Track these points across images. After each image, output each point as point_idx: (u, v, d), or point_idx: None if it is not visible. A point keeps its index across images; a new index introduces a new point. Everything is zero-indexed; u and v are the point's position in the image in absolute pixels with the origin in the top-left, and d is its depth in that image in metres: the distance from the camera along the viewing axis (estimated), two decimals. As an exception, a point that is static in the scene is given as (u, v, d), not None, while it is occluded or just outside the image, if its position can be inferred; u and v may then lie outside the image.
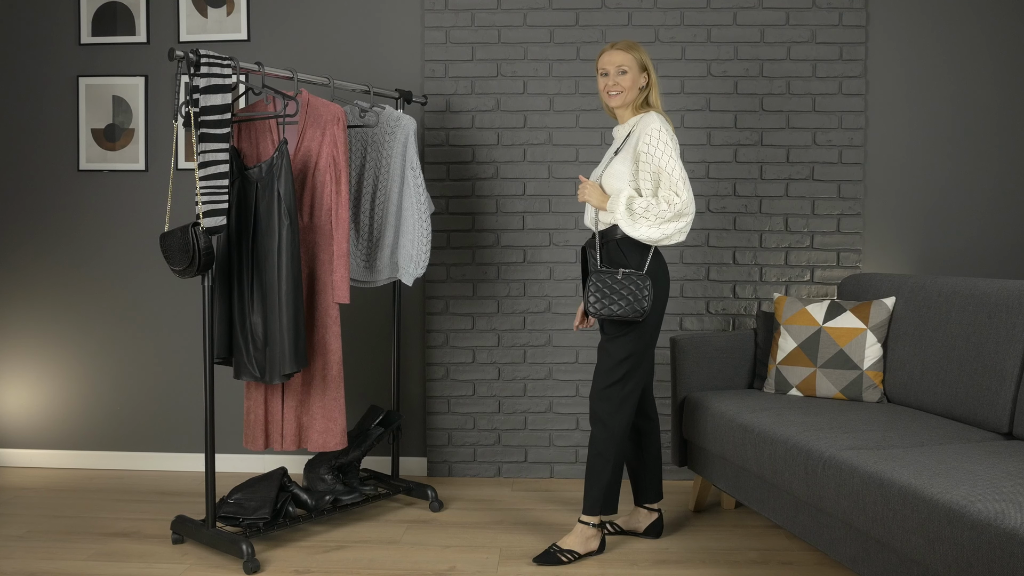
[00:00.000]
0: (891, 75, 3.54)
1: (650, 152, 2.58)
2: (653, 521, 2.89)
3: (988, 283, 2.60)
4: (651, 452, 2.89)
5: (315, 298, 2.92)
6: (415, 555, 2.73)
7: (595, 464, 2.68)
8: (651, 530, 2.89)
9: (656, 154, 2.57)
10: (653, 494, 2.90)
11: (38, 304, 3.77)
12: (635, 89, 2.69)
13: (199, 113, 2.57)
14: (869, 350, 2.86)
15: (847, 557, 2.17)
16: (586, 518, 2.70)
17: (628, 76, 2.67)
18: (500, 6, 3.57)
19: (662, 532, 2.90)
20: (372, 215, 3.22)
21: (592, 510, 2.69)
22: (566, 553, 2.67)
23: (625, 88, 2.68)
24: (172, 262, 2.65)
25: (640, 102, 2.72)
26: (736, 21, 3.53)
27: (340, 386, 2.90)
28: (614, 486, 2.70)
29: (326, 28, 3.63)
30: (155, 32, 3.68)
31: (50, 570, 2.60)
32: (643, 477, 2.89)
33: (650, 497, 2.90)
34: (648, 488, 2.89)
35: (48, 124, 3.73)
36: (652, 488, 2.89)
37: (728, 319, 3.59)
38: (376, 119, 3.19)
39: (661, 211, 2.55)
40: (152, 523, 3.04)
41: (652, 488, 2.89)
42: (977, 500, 1.75)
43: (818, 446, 2.29)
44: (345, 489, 3.03)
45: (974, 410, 2.49)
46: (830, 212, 3.55)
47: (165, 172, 3.70)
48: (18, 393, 3.79)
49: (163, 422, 3.75)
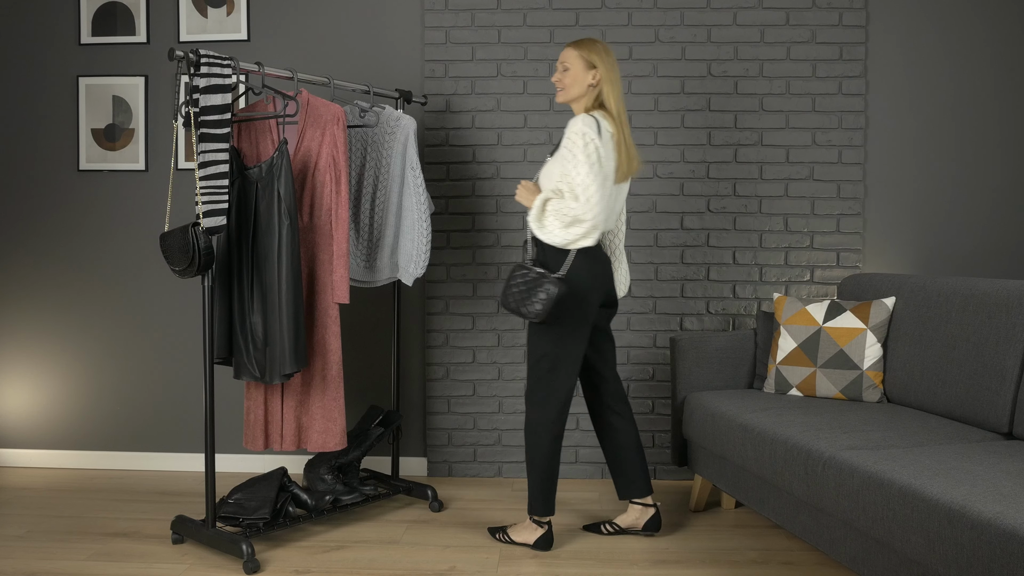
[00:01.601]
0: (891, 75, 3.54)
1: (562, 155, 2.59)
2: (651, 517, 2.87)
3: (988, 283, 2.60)
4: (628, 445, 2.85)
5: (315, 298, 2.92)
6: (415, 555, 2.73)
7: (526, 465, 2.77)
8: (650, 525, 2.87)
9: (567, 157, 2.56)
10: (638, 488, 2.85)
11: (38, 304, 3.77)
12: (578, 86, 2.68)
13: (199, 113, 2.57)
14: (869, 350, 2.86)
15: (847, 557, 2.17)
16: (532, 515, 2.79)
17: (570, 73, 2.68)
18: (500, 6, 3.57)
19: (660, 526, 2.88)
20: (372, 215, 3.22)
21: (529, 509, 2.78)
22: (505, 533, 2.84)
23: (566, 85, 2.70)
24: (172, 262, 2.65)
25: (592, 101, 2.70)
26: (736, 21, 3.53)
27: (340, 386, 2.90)
28: (540, 487, 2.72)
29: (326, 28, 3.63)
30: (155, 32, 3.68)
31: (50, 570, 2.60)
32: (624, 471, 2.86)
33: (636, 491, 2.86)
34: (632, 482, 2.85)
35: (48, 124, 3.73)
36: (637, 482, 2.85)
37: (728, 319, 3.59)
38: (376, 119, 3.19)
39: (562, 215, 2.56)
40: (152, 523, 3.04)
41: (637, 482, 2.85)
42: (977, 500, 1.75)
43: (818, 446, 2.29)
44: (345, 489, 3.03)
45: (974, 410, 2.49)
46: (830, 212, 3.55)
47: (165, 172, 3.70)
48: (18, 393, 3.79)
49: (163, 422, 3.75)
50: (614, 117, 2.66)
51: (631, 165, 2.70)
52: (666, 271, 3.57)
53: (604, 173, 2.59)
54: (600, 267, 2.68)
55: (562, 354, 2.66)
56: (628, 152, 2.67)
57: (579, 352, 2.69)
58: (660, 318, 3.59)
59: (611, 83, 2.67)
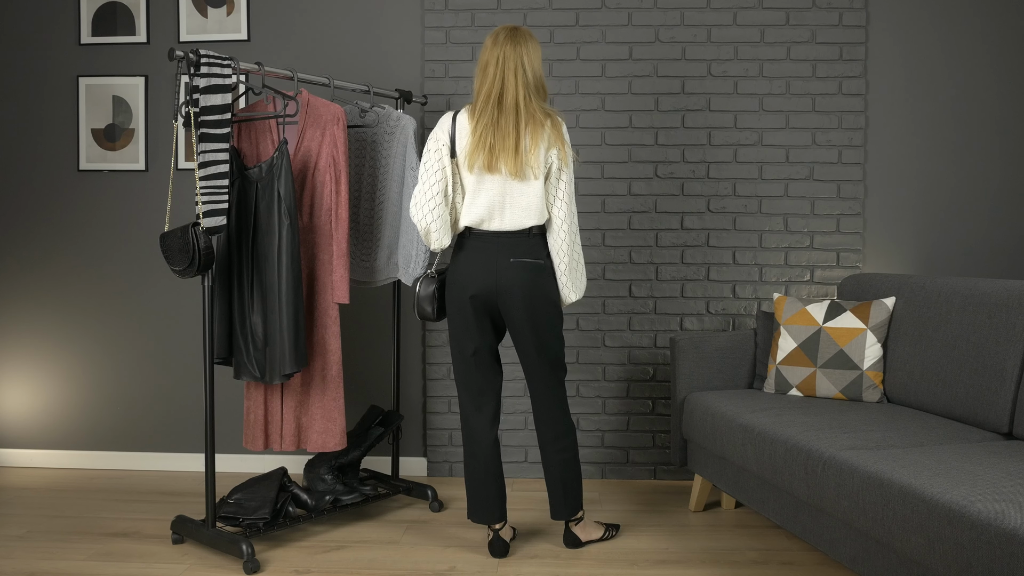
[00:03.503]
0: (891, 75, 3.54)
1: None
2: (599, 537, 2.84)
3: (988, 283, 2.60)
4: (548, 467, 2.73)
5: (315, 298, 2.92)
6: (415, 555, 2.73)
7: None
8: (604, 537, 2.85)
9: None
10: (556, 508, 2.74)
11: (38, 304, 3.77)
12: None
13: (199, 113, 2.57)
14: (869, 350, 2.86)
15: (847, 557, 2.17)
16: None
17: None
18: (500, 6, 3.57)
19: (621, 533, 2.91)
20: (372, 215, 3.22)
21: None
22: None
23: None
24: (172, 262, 2.65)
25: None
26: (736, 21, 3.53)
27: (340, 386, 2.90)
28: (470, 492, 2.72)
29: (326, 28, 3.63)
30: (155, 32, 3.68)
31: (50, 570, 2.60)
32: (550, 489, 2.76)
33: (556, 512, 2.75)
34: (553, 502, 2.74)
35: (48, 124, 3.73)
36: (554, 501, 2.74)
37: (728, 319, 3.59)
38: (376, 119, 3.19)
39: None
40: (152, 523, 3.04)
41: (554, 501, 2.74)
42: (977, 500, 1.75)
43: (818, 446, 2.29)
44: (345, 489, 3.03)
45: (974, 410, 2.49)
46: (830, 212, 3.55)
47: (165, 172, 3.70)
48: (18, 393, 3.79)
49: (163, 422, 3.75)
50: (481, 105, 2.58)
51: (487, 156, 2.54)
52: (666, 271, 3.57)
53: (436, 170, 2.59)
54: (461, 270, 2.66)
55: (457, 354, 2.75)
56: (484, 140, 2.54)
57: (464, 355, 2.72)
58: (660, 318, 3.59)
59: (479, 70, 2.61)
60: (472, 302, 2.62)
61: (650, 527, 3.00)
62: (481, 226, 2.60)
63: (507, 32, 2.58)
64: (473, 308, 2.63)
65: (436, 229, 2.60)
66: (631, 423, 3.60)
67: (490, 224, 2.60)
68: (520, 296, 2.59)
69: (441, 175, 2.59)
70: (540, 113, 2.55)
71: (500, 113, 2.54)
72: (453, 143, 2.59)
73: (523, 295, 2.59)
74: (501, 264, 2.59)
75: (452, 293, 2.65)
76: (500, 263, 2.59)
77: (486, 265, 2.60)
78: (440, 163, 2.58)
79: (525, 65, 2.55)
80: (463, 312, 2.64)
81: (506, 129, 2.53)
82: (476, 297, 2.61)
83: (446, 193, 2.60)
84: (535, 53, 2.59)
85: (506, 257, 2.59)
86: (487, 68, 2.57)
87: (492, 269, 2.59)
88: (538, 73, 2.59)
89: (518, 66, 2.55)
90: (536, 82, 2.58)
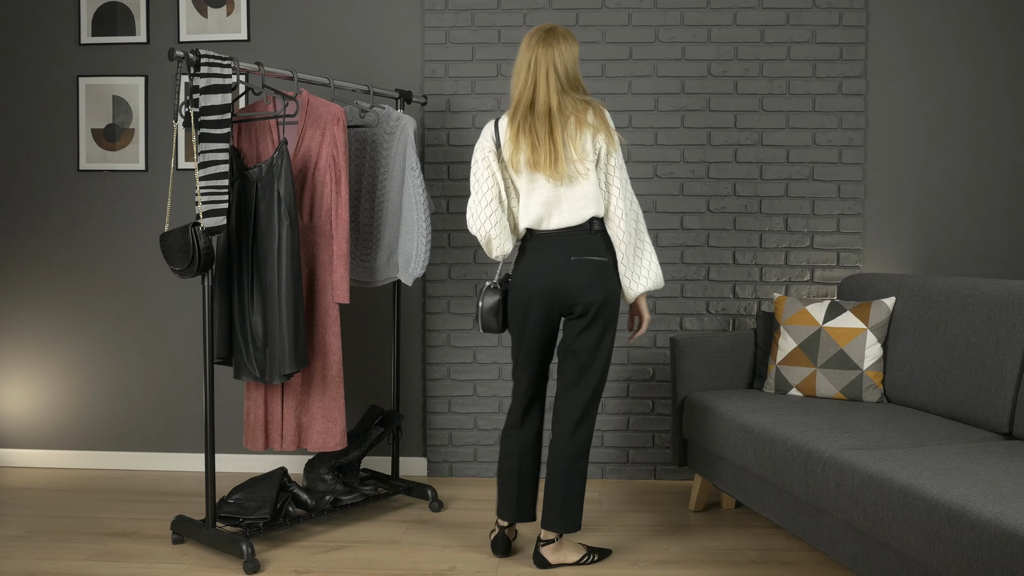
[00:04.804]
0: (891, 75, 3.54)
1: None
2: (575, 561, 2.67)
3: (988, 283, 2.60)
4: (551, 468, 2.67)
5: (315, 298, 2.92)
6: (415, 555, 2.73)
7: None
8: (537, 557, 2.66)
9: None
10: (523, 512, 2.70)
11: (38, 304, 3.77)
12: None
13: (199, 113, 2.57)
14: (869, 350, 2.86)
15: (847, 557, 2.17)
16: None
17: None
18: (500, 6, 3.57)
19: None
20: (372, 215, 3.22)
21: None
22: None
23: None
24: (172, 262, 2.65)
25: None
26: (736, 21, 3.53)
27: (340, 386, 2.90)
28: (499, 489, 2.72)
29: (326, 28, 3.64)
30: (155, 32, 3.68)
31: (50, 570, 2.60)
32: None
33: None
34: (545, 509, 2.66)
35: (48, 124, 3.73)
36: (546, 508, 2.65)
37: (728, 319, 3.59)
38: (376, 119, 3.19)
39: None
40: (152, 523, 3.04)
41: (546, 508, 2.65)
42: (977, 500, 1.75)
43: (818, 446, 2.29)
44: (345, 489, 3.03)
45: (974, 410, 2.49)
46: (830, 212, 3.55)
47: (165, 172, 3.70)
48: (18, 393, 3.79)
49: (163, 422, 3.75)
50: (514, 110, 2.55)
51: (530, 153, 2.50)
52: (666, 271, 3.57)
53: (486, 177, 2.58)
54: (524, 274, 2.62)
55: (516, 360, 2.72)
56: (522, 141, 2.51)
57: (520, 358, 2.69)
58: (660, 318, 3.59)
59: (514, 73, 2.59)
60: (533, 303, 2.57)
61: (650, 527, 3.00)
62: (540, 226, 2.56)
63: (540, 34, 2.55)
64: (534, 310, 2.58)
65: (496, 235, 2.59)
66: (631, 423, 3.60)
67: (549, 222, 2.55)
68: (580, 294, 2.53)
69: (492, 181, 2.58)
70: (578, 105, 2.50)
71: (534, 118, 2.51)
72: (499, 148, 2.57)
73: (583, 293, 2.53)
74: (562, 263, 2.54)
75: (514, 296, 2.61)
76: (561, 262, 2.54)
77: (547, 265, 2.55)
78: (489, 169, 2.57)
79: (557, 66, 2.51)
80: (525, 315, 2.60)
81: (540, 135, 2.50)
82: (537, 298, 2.56)
83: (501, 199, 2.59)
84: (569, 52, 2.54)
85: (567, 255, 2.54)
86: (519, 72, 2.56)
87: (553, 268, 2.54)
88: (571, 71, 2.54)
89: (549, 69, 2.51)
90: (570, 81, 2.53)
